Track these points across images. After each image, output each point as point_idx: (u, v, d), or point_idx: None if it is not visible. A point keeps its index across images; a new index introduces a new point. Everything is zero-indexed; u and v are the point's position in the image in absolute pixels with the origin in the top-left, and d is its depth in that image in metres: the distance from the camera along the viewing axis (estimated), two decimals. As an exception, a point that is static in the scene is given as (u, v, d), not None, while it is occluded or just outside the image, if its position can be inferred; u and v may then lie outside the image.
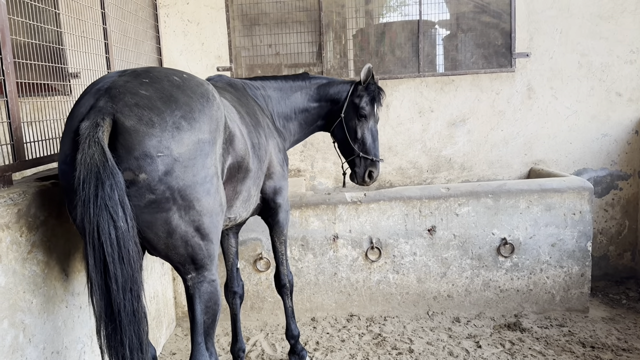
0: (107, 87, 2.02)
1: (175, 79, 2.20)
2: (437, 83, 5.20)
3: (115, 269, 1.84)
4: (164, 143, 1.97)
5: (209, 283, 2.28)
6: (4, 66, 2.25)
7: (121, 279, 1.85)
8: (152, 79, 2.12)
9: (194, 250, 2.15)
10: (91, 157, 1.80)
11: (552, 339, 3.84)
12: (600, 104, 5.16)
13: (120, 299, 1.86)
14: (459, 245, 4.27)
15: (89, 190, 1.80)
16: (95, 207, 1.80)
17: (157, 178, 1.96)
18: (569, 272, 4.29)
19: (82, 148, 1.82)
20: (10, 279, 2.05)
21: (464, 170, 5.31)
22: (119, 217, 1.83)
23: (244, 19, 5.22)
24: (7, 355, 2.00)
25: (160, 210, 2.01)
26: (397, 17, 5.28)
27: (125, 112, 1.94)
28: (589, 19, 5.06)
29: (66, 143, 1.99)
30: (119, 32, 3.89)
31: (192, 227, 2.11)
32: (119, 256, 1.84)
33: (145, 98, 2.01)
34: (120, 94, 1.99)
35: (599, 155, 5.21)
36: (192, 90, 2.19)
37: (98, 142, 1.82)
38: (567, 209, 4.23)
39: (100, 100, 1.96)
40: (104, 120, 1.89)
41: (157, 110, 2.00)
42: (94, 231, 1.81)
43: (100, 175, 1.79)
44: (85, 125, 1.88)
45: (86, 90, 2.12)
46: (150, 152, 1.94)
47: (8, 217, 2.06)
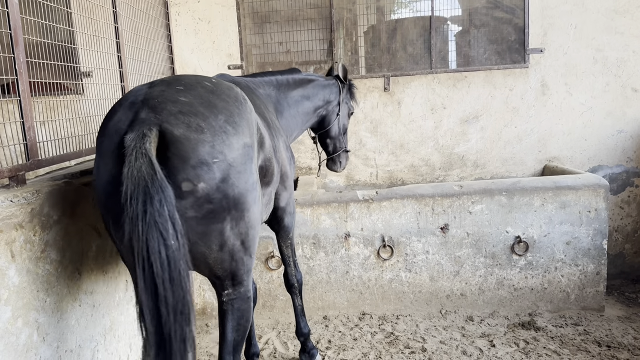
0: (142, 99, 1.94)
1: (206, 84, 2.14)
2: (449, 79, 5.15)
3: (166, 290, 1.69)
4: (217, 148, 1.90)
5: (243, 300, 2.19)
6: (16, 65, 2.26)
7: (172, 301, 1.71)
8: (186, 86, 2.06)
9: (237, 265, 2.08)
10: (138, 169, 1.69)
11: (567, 338, 3.79)
12: (615, 100, 5.08)
13: (171, 324, 1.71)
14: (473, 244, 4.22)
15: (137, 206, 1.68)
16: (143, 224, 1.68)
17: (215, 186, 1.88)
18: (584, 271, 4.23)
19: (128, 161, 1.72)
20: (24, 278, 2.05)
21: (477, 167, 5.26)
22: (169, 234, 1.71)
23: (255, 17, 5.20)
24: (21, 354, 2.01)
25: (216, 220, 1.93)
26: (408, 14, 5.24)
27: (171, 120, 1.86)
28: (604, 13, 4.98)
29: (108, 162, 1.89)
30: (131, 30, 3.89)
31: (239, 240, 2.04)
32: (170, 277, 1.70)
33: (186, 105, 1.94)
34: (160, 103, 1.91)
35: (615, 152, 5.13)
36: (225, 94, 2.13)
37: (145, 154, 1.72)
38: (582, 207, 4.17)
39: (140, 113, 1.88)
40: (150, 130, 1.79)
41: (201, 116, 1.92)
42: (143, 250, 1.68)
43: (149, 189, 1.69)
44: (130, 137, 1.78)
45: (114, 107, 2.04)
46: (206, 159, 1.86)
47: (22, 216, 2.06)
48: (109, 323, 2.80)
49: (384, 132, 5.25)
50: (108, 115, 2.03)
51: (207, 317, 4.38)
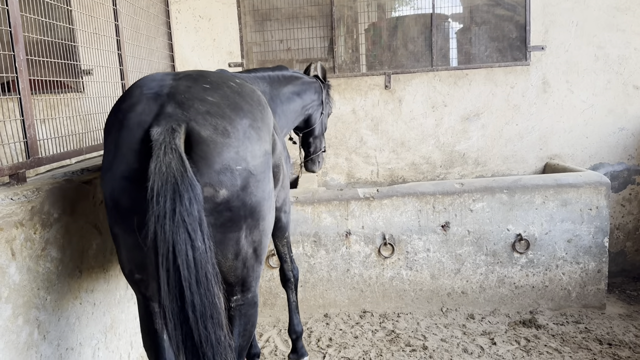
0: (168, 92, 1.85)
1: (232, 84, 2.05)
2: (450, 77, 5.14)
3: (193, 295, 1.59)
4: (240, 154, 1.82)
5: (250, 305, 2.13)
6: (17, 63, 2.25)
7: (200, 306, 1.59)
8: (213, 85, 1.97)
9: (248, 273, 2.02)
10: (167, 165, 1.60)
11: (568, 336, 3.79)
12: (617, 98, 5.07)
13: (202, 329, 1.59)
14: (474, 242, 4.22)
15: (165, 204, 1.58)
16: (171, 224, 1.57)
17: (236, 194, 1.81)
18: (586, 268, 4.22)
19: (156, 155, 1.62)
20: (24, 276, 2.05)
21: (478, 165, 5.25)
22: (197, 235, 1.60)
23: (255, 14, 5.19)
24: (22, 352, 2.01)
25: (233, 229, 1.86)
26: (409, 11, 5.23)
27: (199, 120, 1.77)
28: (606, 10, 4.97)
29: (128, 156, 1.78)
30: (131, 28, 3.89)
31: (251, 248, 1.98)
32: (197, 281, 1.59)
33: (214, 105, 1.85)
34: (188, 100, 1.82)
35: (616, 150, 5.12)
36: (250, 97, 2.05)
37: (176, 150, 1.63)
38: (583, 205, 4.16)
39: (167, 107, 1.79)
40: (180, 126, 1.71)
41: (228, 119, 1.84)
42: (169, 252, 1.57)
43: (178, 186, 1.59)
44: (157, 131, 1.68)
45: (134, 98, 1.91)
46: (230, 165, 1.78)
47: (22, 214, 2.06)
48: (109, 321, 2.80)
49: (385, 130, 5.25)
50: (126, 105, 1.90)
51: (208, 315, 4.37)
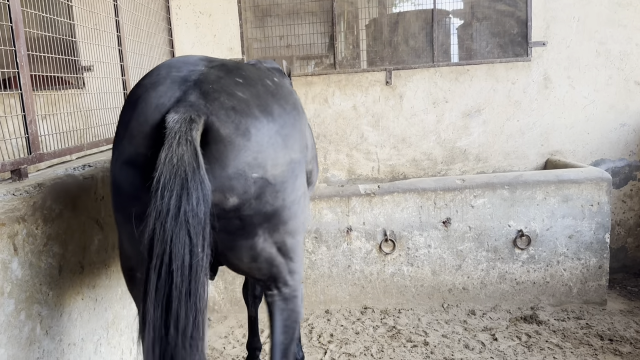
0: (196, 79, 1.70)
1: (268, 83, 1.89)
2: (451, 73, 5.13)
3: (180, 306, 1.41)
4: (259, 161, 1.66)
5: (288, 300, 2.01)
6: (18, 59, 2.25)
7: (183, 321, 1.42)
8: (247, 80, 1.81)
9: (278, 270, 1.91)
10: (179, 157, 1.45)
11: (569, 332, 3.79)
12: (618, 93, 5.06)
13: (179, 347, 1.41)
14: (475, 238, 4.22)
15: (170, 200, 1.42)
16: (173, 223, 1.42)
17: (248, 203, 1.66)
18: (587, 264, 4.22)
19: (168, 144, 1.47)
20: (26, 271, 2.05)
21: (479, 161, 5.25)
22: (198, 241, 1.44)
23: (256, 10, 5.18)
24: (24, 347, 2.01)
25: (245, 237, 1.74)
26: (410, 7, 5.21)
27: (221, 116, 1.61)
28: (607, 6, 4.95)
29: (138, 140, 1.63)
30: (131, 24, 3.88)
31: (274, 248, 1.85)
32: (187, 291, 1.42)
33: (242, 102, 1.69)
34: (214, 91, 1.66)
35: (617, 146, 5.11)
36: (285, 99, 1.89)
37: (191, 142, 1.49)
38: (584, 201, 4.16)
39: (190, 94, 1.63)
40: (199, 118, 1.56)
41: (253, 120, 1.67)
42: (165, 254, 1.41)
43: (187, 182, 1.44)
44: (174, 118, 1.53)
45: (157, 77, 1.76)
46: (245, 171, 1.63)
47: (24, 209, 2.06)
48: (111, 317, 2.80)
49: (386, 126, 5.24)
50: (147, 83, 1.76)
51: (209, 311, 4.38)
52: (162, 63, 1.89)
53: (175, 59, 1.94)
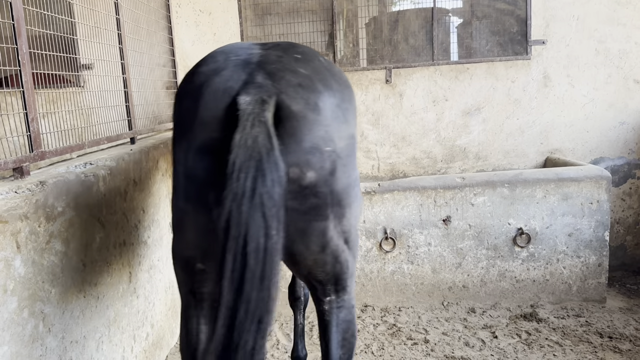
0: (258, 61, 1.70)
1: (321, 59, 1.89)
2: (451, 71, 5.13)
3: (252, 289, 1.37)
4: (330, 134, 1.66)
5: (348, 310, 1.91)
6: (19, 57, 2.24)
7: (254, 304, 1.38)
8: (304, 56, 1.82)
9: (341, 268, 1.83)
10: (254, 139, 1.44)
11: (569, 330, 3.81)
12: (617, 92, 5.07)
13: (245, 331, 1.37)
14: (475, 236, 4.23)
15: (245, 182, 1.40)
16: (249, 205, 1.39)
17: (323, 178, 1.65)
18: (586, 262, 4.24)
19: (242, 127, 1.46)
20: (29, 269, 2.05)
21: (479, 159, 5.26)
22: (273, 223, 1.42)
23: (256, 8, 5.18)
24: (27, 345, 2.02)
25: (318, 218, 1.69)
26: (410, 5, 5.21)
27: (290, 92, 1.62)
28: (606, 4, 4.96)
29: (210, 123, 1.61)
30: (132, 22, 3.87)
31: (342, 239, 1.79)
32: (261, 275, 1.39)
33: (306, 78, 1.70)
34: (279, 70, 1.66)
35: (616, 144, 5.13)
36: (339, 75, 1.89)
37: (264, 123, 1.48)
38: (584, 199, 4.17)
39: (256, 76, 1.63)
40: (270, 98, 1.55)
41: (318, 94, 1.68)
42: (240, 236, 1.38)
43: (262, 164, 1.42)
44: (245, 99, 1.53)
45: (217, 63, 1.76)
46: (319, 145, 1.63)
47: (26, 207, 2.06)
48: (113, 314, 2.80)
49: (386, 125, 5.24)
50: (208, 69, 1.75)
51: (210, 309, 4.38)
52: (213, 52, 1.88)
53: (226, 46, 1.92)
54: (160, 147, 3.80)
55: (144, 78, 4.10)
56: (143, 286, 3.28)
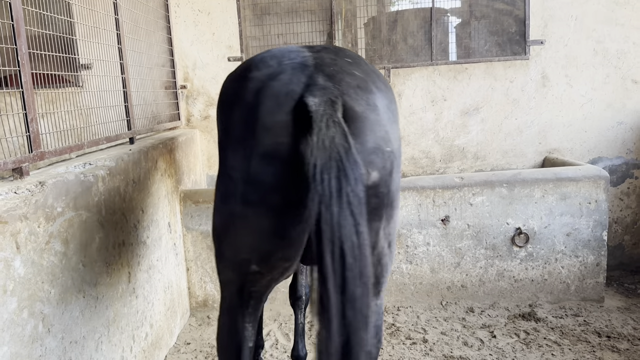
0: (315, 64, 1.70)
1: (366, 62, 1.92)
2: (450, 71, 5.14)
3: (355, 287, 1.38)
4: (388, 134, 1.67)
5: (378, 315, 1.90)
6: (19, 57, 2.25)
7: (359, 301, 1.39)
8: (353, 59, 1.83)
9: (381, 271, 1.82)
10: (331, 140, 1.44)
11: (567, 329, 3.82)
12: (615, 92, 5.08)
13: (357, 328, 1.39)
14: (473, 235, 4.24)
15: (330, 183, 1.41)
16: (338, 205, 1.40)
17: (384, 178, 1.66)
18: (584, 262, 4.25)
19: (317, 128, 1.46)
20: (29, 269, 2.05)
21: (478, 159, 5.26)
22: (362, 220, 1.43)
23: (255, 8, 5.18)
24: (27, 345, 2.02)
25: (375, 218, 1.69)
26: (409, 5, 5.22)
27: (352, 94, 1.63)
28: (605, 4, 4.97)
29: (273, 128, 1.60)
30: (131, 22, 3.87)
31: (387, 242, 1.80)
32: (360, 272, 1.40)
33: (362, 80, 1.72)
34: (337, 73, 1.68)
35: (615, 144, 5.14)
36: (383, 77, 1.92)
37: (339, 123, 1.48)
38: (582, 198, 4.18)
39: (317, 78, 1.63)
40: (337, 99, 1.56)
41: (374, 95, 1.70)
42: (335, 237, 1.39)
43: (343, 164, 1.43)
44: (315, 101, 1.53)
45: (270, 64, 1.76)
46: (381, 145, 1.64)
47: (25, 207, 2.06)
48: (112, 315, 2.80)
49: (385, 124, 5.24)
50: (262, 74, 1.73)
51: (209, 309, 4.39)
52: (263, 57, 1.86)
53: (273, 50, 1.91)
54: (159, 147, 3.80)
55: (143, 78, 4.10)
56: (142, 286, 3.28)
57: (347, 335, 1.37)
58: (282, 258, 1.73)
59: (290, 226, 1.64)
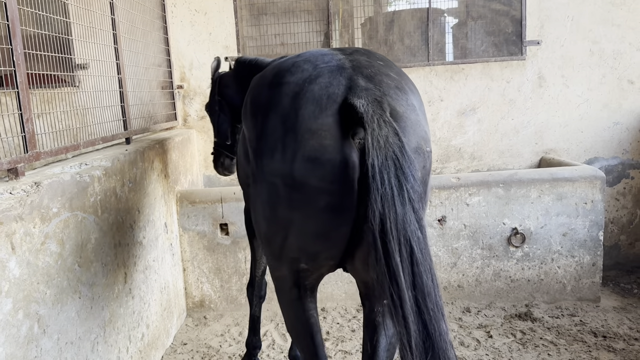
0: (352, 66, 1.72)
1: (395, 64, 1.95)
2: (446, 72, 5.15)
3: (427, 280, 1.41)
4: (426, 134, 1.70)
5: None
6: (14, 57, 2.24)
7: (433, 295, 1.42)
8: (384, 61, 1.86)
9: None
10: (385, 139, 1.47)
11: (563, 329, 3.83)
12: (611, 92, 5.09)
13: (435, 319, 1.40)
14: (470, 235, 4.24)
15: (390, 182, 1.43)
16: (401, 202, 1.42)
17: (423, 177, 1.67)
18: (580, 262, 4.26)
19: (371, 129, 1.48)
20: (24, 270, 2.05)
21: (474, 159, 5.27)
22: (423, 215, 1.47)
23: (252, 8, 5.18)
24: (22, 346, 2.01)
25: None
26: (405, 5, 5.22)
27: (393, 95, 1.66)
28: (601, 5, 4.98)
29: (318, 131, 1.60)
30: (127, 22, 3.87)
31: None
32: (429, 265, 1.44)
33: (397, 81, 1.74)
34: (375, 74, 1.69)
35: (611, 144, 5.16)
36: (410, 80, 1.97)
37: (390, 123, 1.50)
38: (578, 198, 4.19)
39: (357, 80, 1.65)
40: (383, 99, 1.59)
41: (410, 96, 1.73)
42: (401, 234, 1.41)
43: (400, 162, 1.45)
44: (362, 102, 1.54)
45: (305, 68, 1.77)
46: (422, 145, 1.66)
47: (21, 208, 2.05)
48: (108, 315, 2.80)
49: (381, 125, 5.24)
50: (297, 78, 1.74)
51: (205, 309, 4.38)
52: (296, 62, 1.86)
53: (305, 54, 1.92)
54: (156, 147, 3.79)
55: (140, 78, 4.09)
56: (138, 287, 3.27)
57: (427, 330, 1.38)
58: (328, 257, 1.76)
59: (335, 227, 1.66)
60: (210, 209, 4.23)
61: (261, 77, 1.98)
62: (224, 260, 4.30)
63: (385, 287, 1.41)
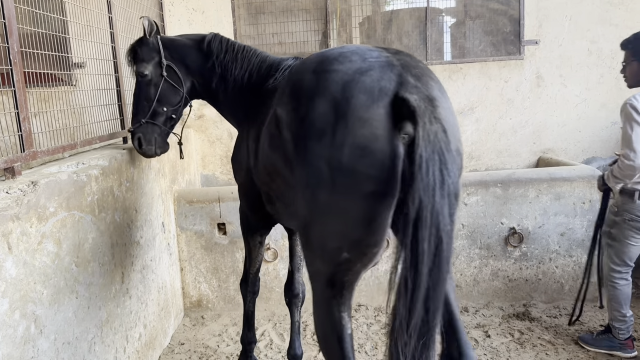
0: (400, 64, 1.77)
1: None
2: (444, 71, 5.14)
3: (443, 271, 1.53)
4: (460, 138, 1.78)
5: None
6: (11, 55, 2.22)
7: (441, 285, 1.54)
8: (422, 64, 1.92)
9: None
10: (434, 134, 1.55)
11: (561, 329, 3.83)
12: (609, 92, 5.10)
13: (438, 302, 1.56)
14: (468, 235, 4.24)
15: (434, 175, 1.52)
16: (440, 195, 1.52)
17: (457, 180, 1.72)
18: (578, 262, 4.26)
19: (422, 123, 1.56)
20: (20, 270, 2.04)
21: (472, 159, 5.27)
22: (455, 210, 1.57)
23: (249, 7, 5.16)
24: (19, 346, 2.00)
25: None
26: (403, 5, 5.21)
27: (437, 97, 1.73)
28: (599, 5, 4.99)
29: (369, 120, 1.66)
30: (124, 21, 3.85)
31: None
32: (448, 258, 1.56)
33: (439, 85, 1.82)
34: (422, 75, 1.76)
35: (609, 144, 5.16)
36: None
37: (439, 120, 1.58)
38: (576, 198, 4.19)
39: (407, 77, 1.71)
40: (433, 97, 1.66)
41: (449, 101, 1.81)
42: (434, 225, 1.51)
43: (445, 157, 1.55)
44: (415, 98, 1.61)
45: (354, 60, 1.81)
46: (459, 148, 1.72)
47: (17, 208, 2.04)
48: (105, 315, 2.79)
49: (379, 124, 5.24)
50: (349, 69, 1.78)
51: (203, 309, 4.37)
52: (343, 52, 1.89)
53: (349, 46, 1.95)
54: (153, 147, 3.77)
55: (137, 77, 4.06)
56: (136, 286, 3.26)
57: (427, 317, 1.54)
58: (371, 244, 1.80)
59: (379, 213, 1.72)
60: (208, 208, 4.21)
61: (303, 63, 2.05)
62: (222, 260, 4.29)
63: (403, 270, 1.53)
